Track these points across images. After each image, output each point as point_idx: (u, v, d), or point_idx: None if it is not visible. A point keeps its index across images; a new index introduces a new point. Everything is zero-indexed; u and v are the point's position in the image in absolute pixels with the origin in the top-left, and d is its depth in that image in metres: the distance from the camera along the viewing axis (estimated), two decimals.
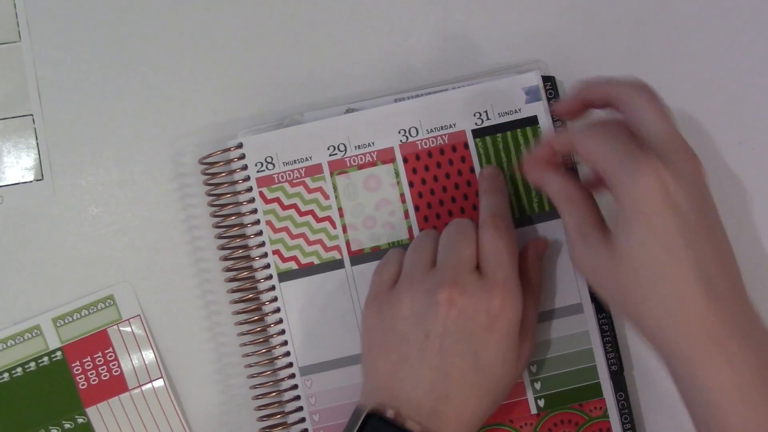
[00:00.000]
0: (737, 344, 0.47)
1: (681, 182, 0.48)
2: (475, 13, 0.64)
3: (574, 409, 0.59)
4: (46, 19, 0.64)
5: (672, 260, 0.47)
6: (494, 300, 0.53)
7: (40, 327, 0.62)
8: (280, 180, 0.60)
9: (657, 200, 0.47)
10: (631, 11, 0.64)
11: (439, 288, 0.53)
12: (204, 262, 0.63)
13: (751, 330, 0.48)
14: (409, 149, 0.60)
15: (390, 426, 0.52)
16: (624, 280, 0.49)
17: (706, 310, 0.47)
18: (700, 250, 0.48)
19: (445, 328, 0.53)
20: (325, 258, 0.60)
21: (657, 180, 0.47)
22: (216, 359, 0.62)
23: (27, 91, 0.64)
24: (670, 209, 0.47)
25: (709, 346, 0.47)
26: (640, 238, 0.48)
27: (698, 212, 0.48)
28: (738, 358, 0.47)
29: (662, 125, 0.50)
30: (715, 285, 0.47)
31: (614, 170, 0.48)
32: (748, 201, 0.62)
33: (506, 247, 0.54)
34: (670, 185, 0.47)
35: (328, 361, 0.60)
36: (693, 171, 0.49)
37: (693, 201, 0.48)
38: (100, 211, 0.63)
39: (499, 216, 0.56)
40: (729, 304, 0.48)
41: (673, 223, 0.47)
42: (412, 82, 0.63)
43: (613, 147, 0.49)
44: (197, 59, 0.64)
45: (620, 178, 0.48)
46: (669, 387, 0.60)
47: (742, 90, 0.63)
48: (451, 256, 0.54)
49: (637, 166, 0.47)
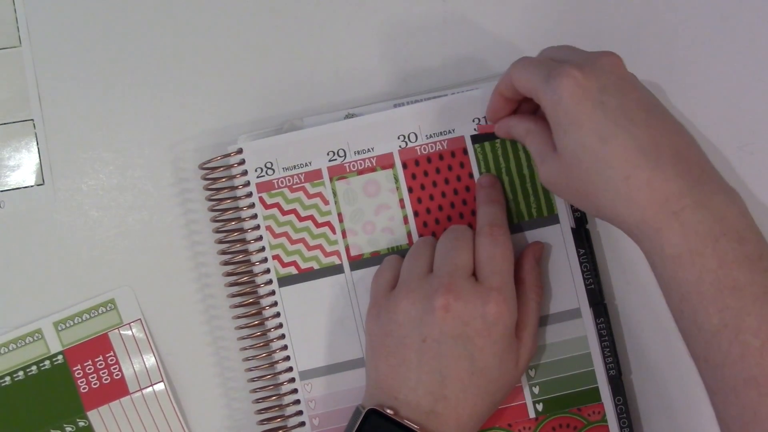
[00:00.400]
0: (690, 208, 0.48)
1: (595, 75, 0.51)
2: (474, 19, 0.64)
3: (573, 413, 0.59)
4: (47, 25, 0.64)
5: (605, 143, 0.50)
6: (490, 306, 0.54)
7: (42, 331, 0.62)
8: (280, 185, 0.60)
9: (575, 96, 0.50)
10: (630, 16, 0.64)
11: (435, 294, 0.54)
12: (204, 267, 0.63)
13: (707, 193, 0.49)
14: (408, 155, 0.60)
15: (389, 423, 0.53)
16: (575, 178, 0.51)
17: (649, 180, 0.49)
18: (632, 128, 0.50)
19: (441, 333, 0.53)
20: (324, 263, 0.60)
21: (570, 79, 0.50)
22: (216, 363, 0.63)
23: (27, 96, 0.64)
24: (589, 100, 0.50)
25: (658, 213, 0.49)
26: (572, 135, 0.51)
27: (621, 97, 0.50)
28: (690, 220, 0.48)
29: (566, 52, 0.55)
30: (656, 156, 0.49)
31: (538, 87, 0.52)
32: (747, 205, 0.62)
33: (502, 253, 0.55)
34: (583, 80, 0.50)
35: (328, 366, 0.60)
36: (608, 63, 0.52)
37: (613, 88, 0.51)
38: (101, 215, 0.63)
39: (496, 225, 0.56)
40: (677, 171, 0.49)
41: (596, 111, 0.50)
42: (411, 87, 0.63)
43: (536, 69, 0.53)
44: (197, 64, 0.64)
45: (543, 91, 0.52)
46: (667, 391, 0.61)
47: (741, 95, 0.63)
48: (448, 262, 0.55)
49: (552, 75, 0.51)
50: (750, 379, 0.47)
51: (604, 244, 0.62)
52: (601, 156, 0.50)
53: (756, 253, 0.48)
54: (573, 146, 0.51)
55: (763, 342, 0.46)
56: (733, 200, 0.49)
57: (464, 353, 0.53)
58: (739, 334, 0.47)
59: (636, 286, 0.62)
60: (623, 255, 0.62)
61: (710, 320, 0.48)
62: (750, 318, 0.47)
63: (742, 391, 0.47)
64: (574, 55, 0.54)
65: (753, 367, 0.47)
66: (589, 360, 0.59)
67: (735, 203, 0.49)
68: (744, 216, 0.49)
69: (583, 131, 0.50)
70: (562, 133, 0.51)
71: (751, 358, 0.47)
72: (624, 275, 0.62)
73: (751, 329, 0.47)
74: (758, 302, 0.47)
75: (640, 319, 0.62)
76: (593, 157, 0.50)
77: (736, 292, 0.47)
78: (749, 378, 0.47)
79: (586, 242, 0.60)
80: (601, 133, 0.50)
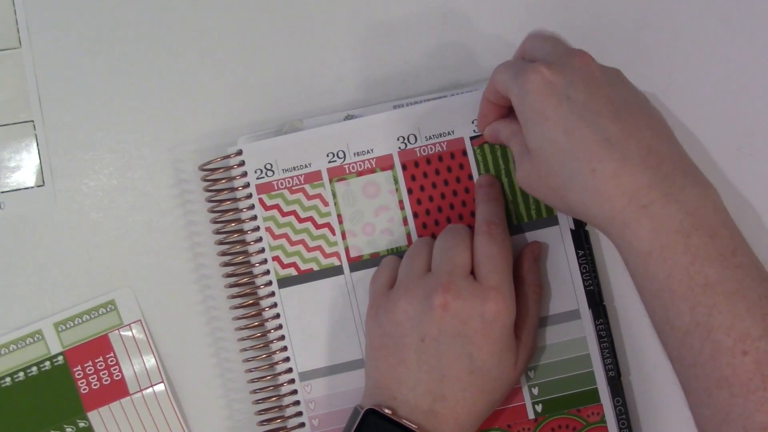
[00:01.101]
0: (659, 202, 0.48)
1: (562, 72, 0.51)
2: (473, 20, 0.64)
3: (572, 414, 0.59)
4: (47, 26, 0.64)
5: (570, 136, 0.49)
6: (488, 304, 0.54)
7: (42, 332, 0.62)
8: (280, 187, 0.60)
9: (541, 91, 0.50)
10: (629, 18, 0.64)
11: (434, 293, 0.54)
12: (204, 268, 0.63)
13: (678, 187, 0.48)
14: (407, 156, 0.60)
15: (387, 423, 0.53)
16: (544, 175, 0.51)
17: (615, 172, 0.48)
18: (598, 121, 0.49)
19: (440, 332, 0.53)
20: (324, 264, 0.60)
21: (537, 75, 0.51)
22: (216, 364, 0.63)
23: (27, 97, 0.64)
24: (555, 95, 0.50)
25: (627, 207, 0.48)
26: (540, 131, 0.51)
27: (589, 93, 0.50)
28: (659, 214, 0.47)
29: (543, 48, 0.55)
30: (623, 148, 0.49)
31: (509, 86, 0.53)
32: (746, 207, 0.62)
33: (500, 252, 0.55)
34: (550, 76, 0.51)
35: (327, 367, 0.60)
36: (578, 61, 0.52)
37: (581, 85, 0.50)
38: (101, 216, 0.63)
39: (495, 223, 0.56)
40: (646, 164, 0.48)
41: (561, 105, 0.50)
42: (410, 89, 0.63)
43: (508, 70, 0.54)
44: (197, 66, 0.64)
45: (512, 88, 0.52)
46: (666, 393, 0.61)
47: (739, 97, 0.63)
48: (446, 261, 0.55)
49: (521, 73, 0.52)
50: (722, 379, 0.46)
51: (603, 246, 0.62)
52: (566, 148, 0.50)
53: (729, 248, 0.47)
54: (540, 140, 0.51)
55: (734, 341, 0.46)
56: (706, 194, 0.49)
57: (463, 352, 0.53)
58: (710, 333, 0.46)
59: (635, 287, 0.61)
60: None
61: (682, 318, 0.47)
62: (721, 316, 0.46)
63: (714, 391, 0.46)
64: (550, 51, 0.54)
65: (724, 367, 0.46)
66: (588, 361, 0.59)
67: (709, 197, 0.49)
68: (718, 211, 0.48)
69: (548, 124, 0.50)
70: (529, 129, 0.51)
71: (722, 358, 0.46)
72: (623, 276, 0.62)
73: (722, 327, 0.46)
74: (731, 299, 0.46)
75: (639, 320, 0.62)
76: (559, 150, 0.50)
77: (707, 289, 0.46)
78: (721, 378, 0.46)
79: (585, 243, 0.60)
80: (566, 126, 0.50)
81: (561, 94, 0.50)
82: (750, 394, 0.45)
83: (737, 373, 0.45)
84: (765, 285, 0.47)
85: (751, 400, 0.45)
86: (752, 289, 0.46)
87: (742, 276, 0.47)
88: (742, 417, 0.45)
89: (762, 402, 0.45)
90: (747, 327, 0.46)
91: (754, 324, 0.46)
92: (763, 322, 0.46)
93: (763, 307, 0.46)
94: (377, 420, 0.53)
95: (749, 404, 0.45)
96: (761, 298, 0.46)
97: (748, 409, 0.45)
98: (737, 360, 0.46)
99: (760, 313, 0.46)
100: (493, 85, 0.56)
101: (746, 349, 0.45)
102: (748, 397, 0.45)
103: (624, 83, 0.53)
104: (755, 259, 0.48)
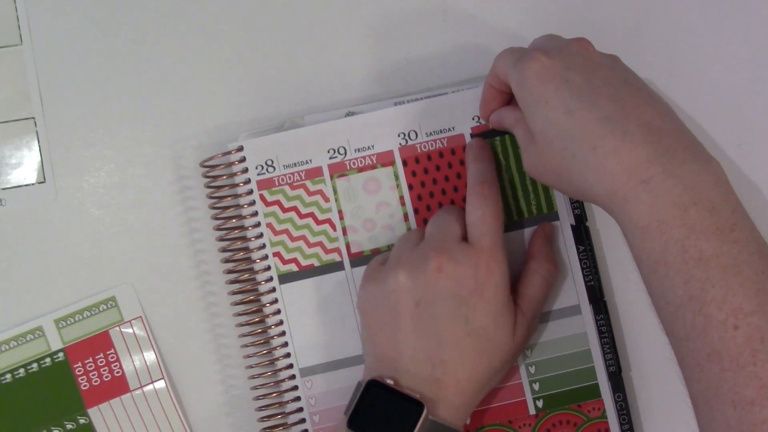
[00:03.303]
0: (659, 176, 0.48)
1: (560, 57, 0.51)
2: (474, 17, 0.64)
3: (573, 409, 0.59)
4: (48, 23, 0.64)
5: (571, 116, 0.50)
6: (481, 265, 0.54)
7: (43, 328, 0.62)
8: (281, 183, 0.61)
9: (540, 76, 0.51)
10: (629, 14, 0.64)
11: (427, 257, 0.54)
12: (205, 264, 0.63)
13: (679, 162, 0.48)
14: (408, 152, 0.60)
15: (390, 393, 0.53)
16: (548, 157, 0.52)
17: (616, 149, 0.48)
18: (598, 100, 0.50)
19: (435, 295, 0.54)
20: (325, 260, 0.60)
21: (536, 61, 0.51)
22: (217, 360, 0.63)
23: (29, 94, 0.64)
24: (554, 78, 0.51)
25: (627, 182, 0.48)
26: (541, 115, 0.51)
27: (587, 74, 0.51)
28: (658, 189, 0.47)
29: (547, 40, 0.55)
30: (624, 125, 0.49)
31: (509, 73, 0.53)
32: (746, 204, 0.62)
33: (492, 213, 0.56)
34: (548, 62, 0.51)
35: (328, 363, 0.60)
36: (576, 46, 0.53)
37: (579, 68, 0.51)
38: (102, 213, 0.64)
39: (487, 182, 0.57)
40: (646, 140, 0.48)
41: (560, 87, 0.50)
42: (411, 85, 0.63)
43: (508, 56, 0.55)
44: (198, 62, 0.64)
45: (511, 74, 0.53)
46: (667, 388, 0.61)
47: (740, 93, 0.63)
48: (438, 231, 0.56)
49: (520, 59, 0.52)
50: (713, 353, 0.46)
51: (604, 242, 0.62)
52: (567, 128, 0.50)
53: (728, 223, 0.47)
54: (541, 123, 0.51)
55: (726, 315, 0.45)
56: (707, 169, 0.48)
57: (459, 314, 0.54)
58: (703, 307, 0.46)
59: (636, 282, 0.61)
60: (623, 252, 0.62)
61: (676, 292, 0.47)
62: (714, 290, 0.46)
63: (705, 365, 0.46)
64: (549, 41, 0.55)
65: (716, 342, 0.46)
66: (588, 356, 0.59)
67: (710, 172, 0.48)
68: (719, 185, 0.48)
69: (548, 107, 0.51)
70: (530, 114, 0.52)
71: (714, 332, 0.46)
72: (624, 272, 0.62)
73: (715, 301, 0.46)
74: (724, 273, 0.46)
75: (640, 315, 0.62)
76: (560, 130, 0.50)
77: (701, 263, 0.46)
78: (712, 352, 0.46)
79: (586, 239, 0.60)
80: (567, 107, 0.50)
81: (559, 77, 0.51)
82: (740, 369, 0.45)
83: (728, 348, 0.45)
84: (763, 261, 0.46)
85: (741, 375, 0.45)
86: (748, 264, 0.46)
87: (738, 251, 0.46)
88: (731, 391, 0.45)
89: (751, 377, 0.45)
90: (740, 302, 0.45)
91: (747, 299, 0.45)
92: (756, 298, 0.45)
93: (757, 282, 0.46)
94: (380, 391, 0.53)
95: (739, 378, 0.45)
96: (757, 274, 0.46)
97: (737, 384, 0.45)
98: (728, 334, 0.45)
99: (755, 288, 0.46)
100: (495, 71, 0.56)
101: (738, 324, 0.45)
102: (738, 372, 0.45)
103: (622, 66, 0.53)
104: (756, 234, 0.48)
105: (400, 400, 0.53)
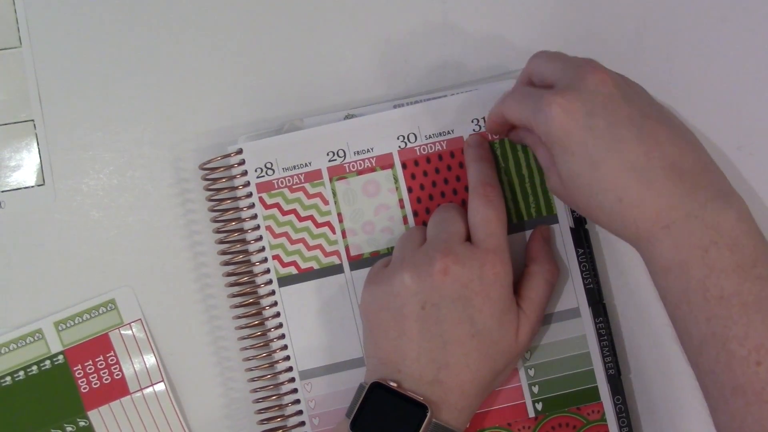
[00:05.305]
0: (681, 220, 0.49)
1: (581, 100, 0.51)
2: (473, 20, 0.64)
3: (572, 412, 0.59)
4: (47, 25, 0.64)
5: (596, 169, 0.50)
6: (486, 266, 0.54)
7: (42, 331, 0.62)
8: (280, 185, 0.61)
9: (564, 126, 0.51)
10: (629, 17, 0.64)
11: (433, 259, 0.54)
12: (204, 267, 0.63)
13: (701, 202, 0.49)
14: (407, 155, 0.60)
15: (393, 396, 0.53)
16: (577, 199, 0.52)
17: (640, 199, 0.49)
18: (622, 147, 0.50)
19: (441, 297, 0.54)
20: (324, 263, 0.60)
21: (557, 108, 0.51)
22: (216, 363, 0.63)
23: (28, 96, 0.64)
24: (578, 127, 0.51)
25: (651, 228, 0.49)
26: (566, 163, 0.51)
27: (609, 117, 0.51)
28: (680, 232, 0.49)
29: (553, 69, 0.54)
30: (648, 172, 0.49)
31: (530, 119, 0.53)
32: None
33: (496, 215, 0.56)
34: (569, 107, 0.51)
35: (328, 366, 0.60)
36: (592, 82, 0.52)
37: (601, 110, 0.51)
38: (101, 215, 0.64)
39: (489, 183, 0.57)
40: (668, 185, 0.49)
41: (585, 137, 0.50)
42: (411, 88, 0.63)
43: (525, 101, 0.54)
44: (198, 65, 0.64)
45: (535, 123, 0.52)
46: (666, 391, 0.61)
47: (740, 95, 0.63)
48: (442, 231, 0.56)
49: (539, 107, 0.52)
50: (737, 387, 0.47)
51: (603, 245, 0.62)
52: (594, 181, 0.51)
53: (750, 259, 0.48)
54: (567, 172, 0.52)
55: (749, 351, 0.47)
56: (730, 205, 0.49)
57: (464, 315, 0.54)
58: (726, 343, 0.47)
59: (635, 286, 0.62)
60: (622, 255, 0.62)
61: (699, 328, 0.48)
62: (736, 327, 0.47)
63: (730, 399, 0.48)
64: (559, 71, 0.54)
65: (739, 377, 0.47)
66: (588, 359, 0.59)
67: (732, 207, 0.49)
68: (741, 221, 0.49)
69: (575, 159, 0.51)
70: (557, 159, 0.52)
71: (737, 368, 0.47)
72: (623, 275, 0.62)
73: (737, 338, 0.47)
74: (746, 311, 0.47)
75: (639, 318, 0.62)
76: (586, 182, 0.51)
77: (723, 301, 0.48)
78: (737, 387, 0.47)
79: (585, 242, 0.60)
80: (592, 159, 0.50)
81: (583, 125, 0.50)
82: (764, 403, 0.46)
83: (752, 383, 0.47)
84: None
85: (766, 409, 0.46)
86: None
87: (760, 287, 0.47)
88: (757, 423, 0.47)
89: None
90: (761, 338, 0.47)
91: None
92: None
93: None
94: (383, 393, 0.53)
95: (764, 412, 0.46)
96: None
97: (762, 417, 0.46)
98: (751, 370, 0.47)
99: None
100: (506, 114, 0.56)
101: (760, 360, 0.47)
102: (762, 406, 0.46)
103: (638, 94, 0.53)
104: None
105: (403, 402, 0.53)
